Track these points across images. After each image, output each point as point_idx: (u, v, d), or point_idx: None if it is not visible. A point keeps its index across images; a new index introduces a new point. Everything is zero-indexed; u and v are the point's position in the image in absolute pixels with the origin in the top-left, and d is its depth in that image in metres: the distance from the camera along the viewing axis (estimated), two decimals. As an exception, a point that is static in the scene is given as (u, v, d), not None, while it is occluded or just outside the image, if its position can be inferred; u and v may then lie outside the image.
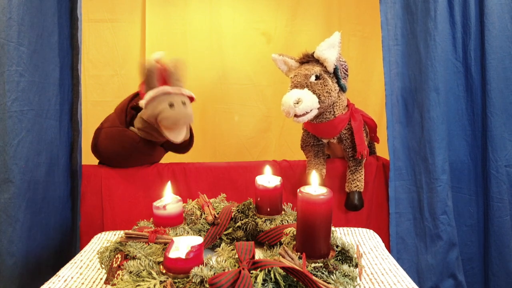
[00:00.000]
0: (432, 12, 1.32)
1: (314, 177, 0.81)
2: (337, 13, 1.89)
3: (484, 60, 1.36)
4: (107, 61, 1.85)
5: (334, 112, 1.36)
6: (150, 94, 1.27)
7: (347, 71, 1.39)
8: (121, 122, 1.37)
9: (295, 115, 1.27)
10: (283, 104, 1.27)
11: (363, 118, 1.43)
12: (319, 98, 1.28)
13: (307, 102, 1.26)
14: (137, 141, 1.34)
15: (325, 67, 1.32)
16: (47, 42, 1.24)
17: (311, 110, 1.28)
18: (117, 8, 1.83)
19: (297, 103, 1.25)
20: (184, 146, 1.50)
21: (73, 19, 1.31)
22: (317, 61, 1.34)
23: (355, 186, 1.42)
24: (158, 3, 1.84)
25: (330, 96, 1.30)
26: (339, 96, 1.36)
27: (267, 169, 1.05)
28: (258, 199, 1.00)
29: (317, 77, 1.30)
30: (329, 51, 1.30)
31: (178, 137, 1.30)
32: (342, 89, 1.36)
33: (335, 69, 1.32)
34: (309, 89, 1.28)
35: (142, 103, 1.28)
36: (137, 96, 1.40)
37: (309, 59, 1.35)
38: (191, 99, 1.36)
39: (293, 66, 1.38)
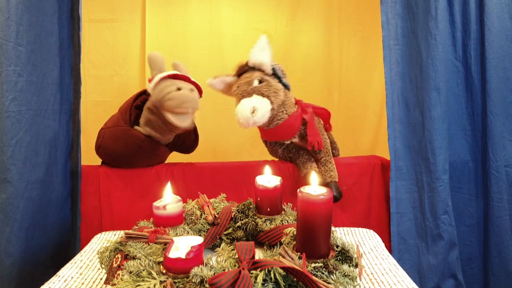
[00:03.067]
0: (433, 11, 1.31)
1: (314, 177, 0.81)
2: (337, 13, 1.90)
3: (484, 60, 1.36)
4: (107, 61, 1.85)
5: (286, 110, 1.35)
6: (158, 76, 1.28)
7: (284, 72, 1.40)
8: (125, 122, 1.37)
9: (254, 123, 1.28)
10: (240, 117, 1.26)
11: (315, 110, 1.43)
12: (269, 99, 1.29)
13: (262, 107, 1.27)
14: (141, 140, 1.34)
15: (263, 71, 1.33)
16: (45, 41, 1.24)
17: (266, 112, 1.28)
18: (117, 8, 1.83)
19: (254, 112, 1.25)
20: (189, 146, 1.50)
21: (74, 19, 1.30)
22: (254, 69, 1.34)
23: (329, 177, 1.40)
24: (158, 3, 1.84)
25: (278, 95, 1.31)
26: (286, 95, 1.36)
27: (267, 169, 1.05)
28: (258, 199, 1.00)
29: (260, 81, 1.31)
30: (261, 55, 1.32)
31: (184, 122, 1.30)
32: (286, 87, 1.37)
33: (274, 70, 1.34)
34: (257, 94, 1.29)
35: (149, 86, 1.29)
36: (141, 95, 1.41)
37: (245, 69, 1.35)
38: (199, 92, 1.37)
39: (232, 82, 1.38)
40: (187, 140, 1.48)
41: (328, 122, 1.50)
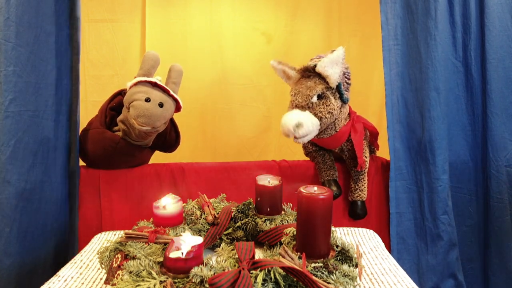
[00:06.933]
0: (432, 12, 1.31)
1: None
2: (337, 13, 1.89)
3: (484, 60, 1.36)
4: (107, 61, 1.85)
5: (336, 127, 1.32)
6: (137, 78, 1.28)
7: (349, 79, 1.33)
8: (101, 124, 1.37)
9: (295, 137, 1.24)
10: (283, 126, 1.23)
11: (365, 126, 1.41)
12: (320, 120, 1.24)
13: (308, 126, 1.22)
14: (116, 142, 1.34)
15: (327, 82, 1.26)
16: (44, 42, 1.24)
17: (311, 132, 1.25)
18: (117, 8, 1.83)
19: (298, 127, 1.21)
20: (171, 145, 1.49)
21: (73, 19, 1.30)
22: (319, 75, 1.27)
23: (357, 196, 1.42)
24: (158, 3, 1.84)
25: (332, 115, 1.27)
26: (341, 111, 1.31)
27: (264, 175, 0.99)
28: (258, 199, 1.00)
29: (319, 96, 1.25)
30: (331, 69, 1.23)
31: (141, 128, 1.26)
32: (344, 102, 1.31)
33: (338, 85, 1.27)
34: (310, 112, 1.24)
35: (128, 84, 1.29)
36: (116, 96, 1.40)
37: (310, 73, 1.29)
38: (178, 107, 1.35)
39: (293, 77, 1.33)
40: (169, 139, 1.47)
41: (376, 142, 1.48)
